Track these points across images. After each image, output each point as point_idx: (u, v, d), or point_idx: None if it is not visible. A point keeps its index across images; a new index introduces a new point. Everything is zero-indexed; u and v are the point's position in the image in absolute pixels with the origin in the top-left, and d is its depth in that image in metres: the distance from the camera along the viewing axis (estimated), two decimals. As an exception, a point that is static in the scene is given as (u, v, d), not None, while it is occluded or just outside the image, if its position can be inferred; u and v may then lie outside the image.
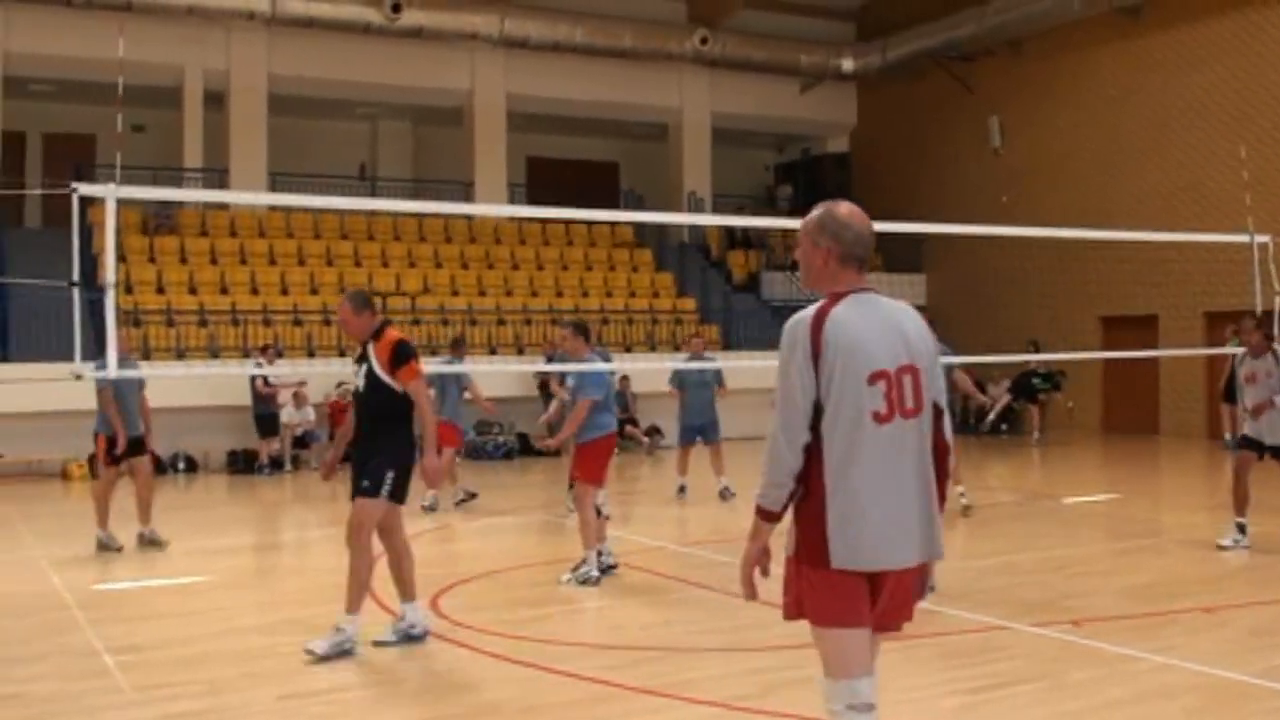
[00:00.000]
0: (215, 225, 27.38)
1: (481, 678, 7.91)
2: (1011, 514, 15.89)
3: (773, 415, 4.46)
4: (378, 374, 8.47)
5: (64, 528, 16.04)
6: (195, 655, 8.48)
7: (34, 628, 9.43)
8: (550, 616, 9.58)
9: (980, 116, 30.04)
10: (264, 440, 22.25)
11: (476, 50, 29.54)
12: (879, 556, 4.45)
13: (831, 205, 4.60)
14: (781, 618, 4.71)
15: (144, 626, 9.48)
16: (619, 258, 30.10)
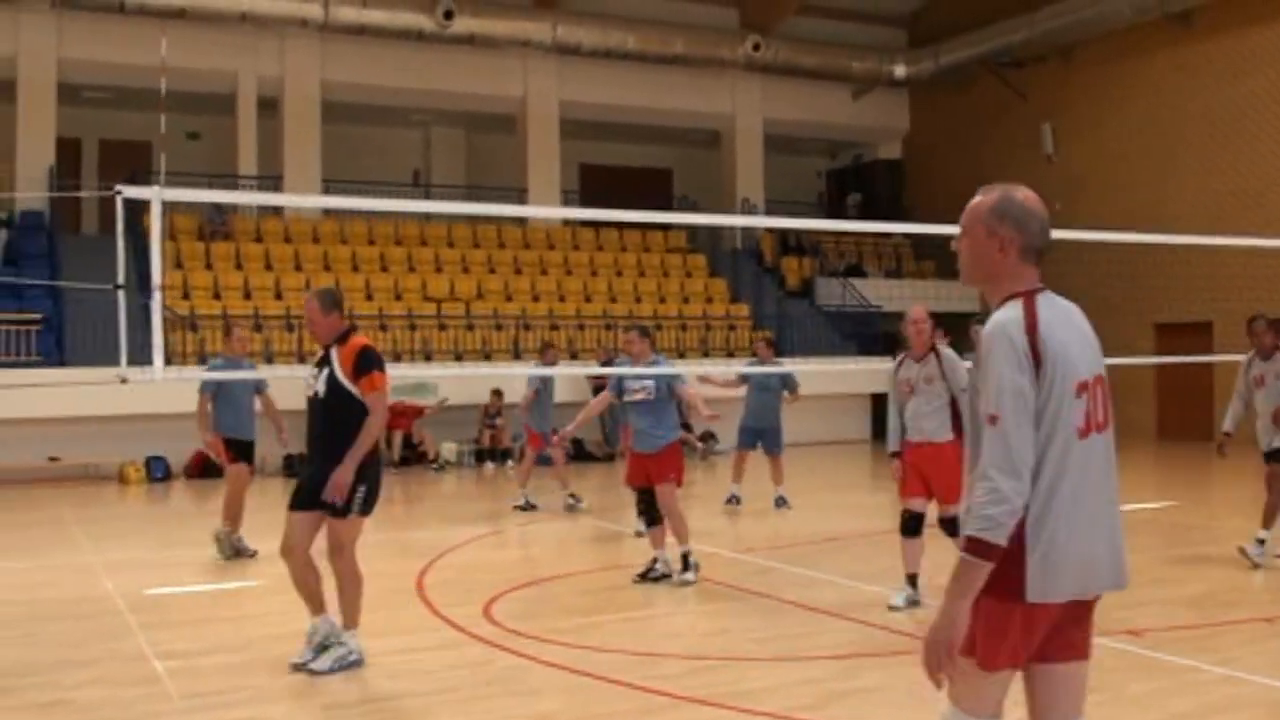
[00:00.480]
0: (270, 231, 27.36)
1: (535, 686, 7.69)
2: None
3: (989, 432, 3.72)
4: (340, 380, 7.93)
5: (118, 531, 16.00)
6: (244, 662, 8.32)
7: (85, 632, 9.29)
8: (605, 624, 9.33)
9: (1033, 123, 29.70)
10: None
11: (529, 57, 29.44)
12: (1078, 585, 3.85)
13: (1008, 189, 4.02)
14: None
15: (194, 632, 9.32)
16: (672, 263, 29.87)
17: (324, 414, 8.03)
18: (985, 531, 3.63)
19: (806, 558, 12.21)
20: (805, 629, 9.04)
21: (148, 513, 18.93)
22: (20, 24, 25.74)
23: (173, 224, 26.39)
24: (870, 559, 11.93)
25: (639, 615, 9.88)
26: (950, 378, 9.41)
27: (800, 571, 11.43)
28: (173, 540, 14.61)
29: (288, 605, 10.23)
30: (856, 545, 13.04)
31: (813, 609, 9.68)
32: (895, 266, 32.17)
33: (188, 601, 10.82)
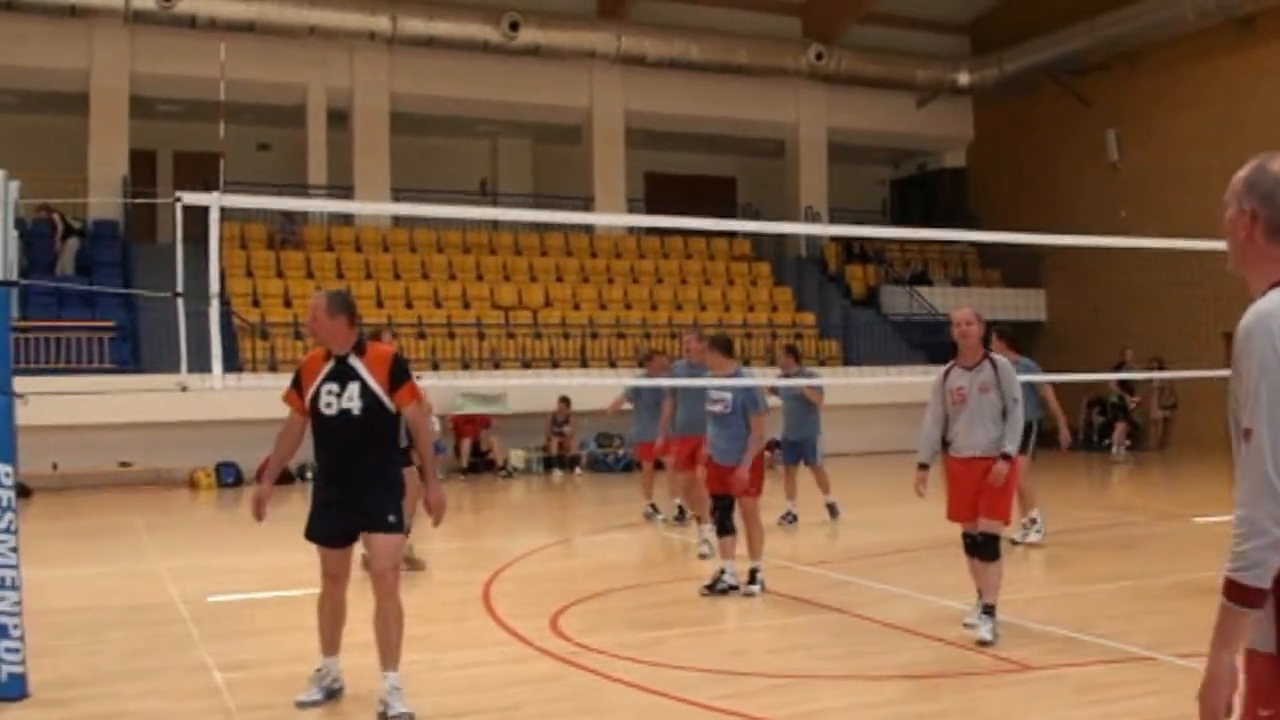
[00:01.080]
0: (340, 240, 27.25)
1: (604, 704, 7.34)
2: (1138, 535, 14.93)
3: (1245, 450, 3.02)
4: (378, 394, 7.01)
5: (186, 538, 15.82)
6: (305, 673, 7.99)
7: (147, 641, 9.04)
8: (672, 639, 8.95)
9: (1097, 130, 29.06)
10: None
11: (594, 68, 29.20)
12: None
13: (1267, 157, 3.39)
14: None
15: (256, 642, 9.06)
16: (737, 272, 29.50)
17: (360, 432, 7.07)
18: (1240, 572, 2.98)
19: (878, 571, 11.75)
20: (879, 646, 8.62)
21: (216, 518, 18.78)
22: (93, 39, 25.77)
23: (244, 233, 26.43)
24: (943, 572, 11.46)
25: (708, 630, 9.50)
26: (1005, 387, 8.71)
27: (872, 585, 11.00)
28: (239, 546, 14.36)
29: (351, 614, 9.94)
30: (928, 558, 12.56)
31: (886, 624, 9.26)
32: (961, 275, 31.61)
33: (251, 610, 10.56)
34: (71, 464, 21.34)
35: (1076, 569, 12.03)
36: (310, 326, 7.33)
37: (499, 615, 9.59)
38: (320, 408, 7.11)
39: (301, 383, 7.25)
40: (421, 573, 11.58)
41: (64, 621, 9.80)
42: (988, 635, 8.51)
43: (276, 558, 13.28)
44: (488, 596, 10.50)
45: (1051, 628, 9.01)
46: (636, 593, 10.84)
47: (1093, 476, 22.79)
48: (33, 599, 10.67)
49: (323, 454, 7.29)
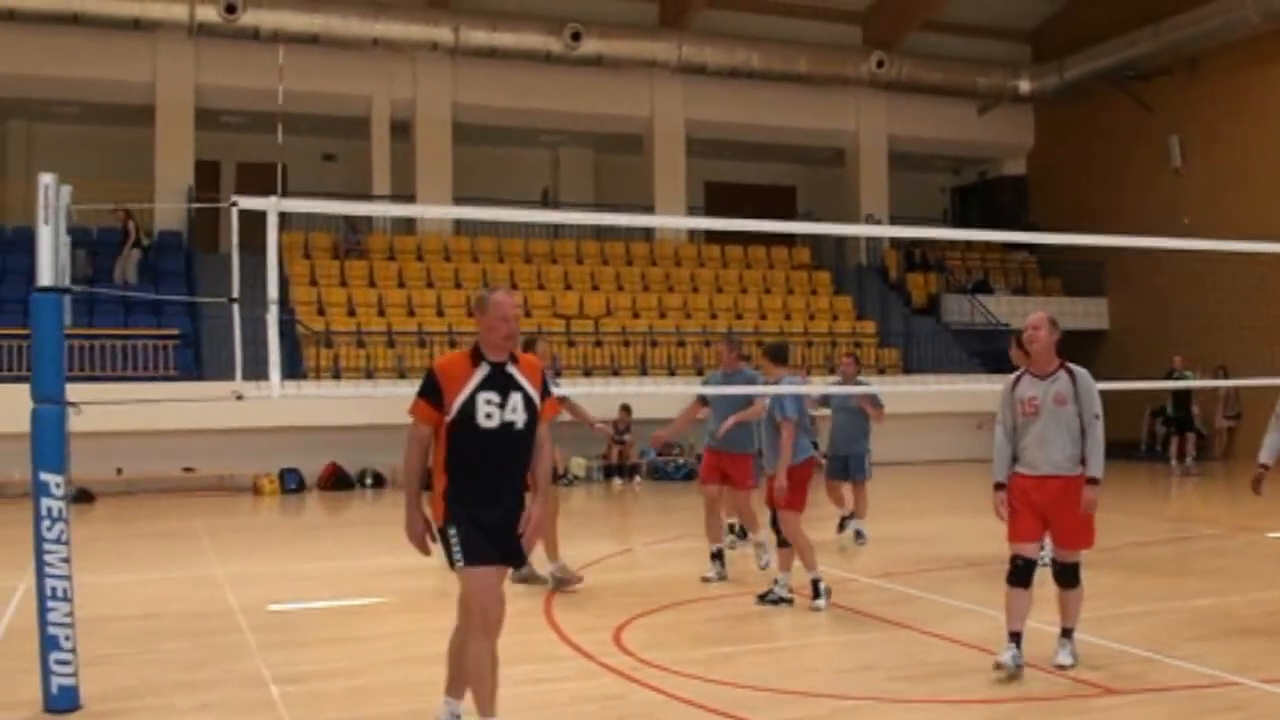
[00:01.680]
0: (403, 249, 27.08)
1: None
2: (1208, 549, 14.35)
3: None
4: (537, 405, 6.21)
5: (247, 544, 15.54)
6: (363, 687, 7.70)
7: (204, 651, 8.75)
8: (739, 656, 8.54)
9: (1159, 136, 28.35)
10: None
11: (655, 77, 28.89)
12: None
13: None
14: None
15: (314, 653, 8.73)
16: (797, 280, 29.06)
17: (523, 446, 6.22)
18: None
19: (945, 585, 11.27)
20: (952, 667, 8.15)
21: (278, 524, 18.53)
22: (159, 51, 25.78)
23: (308, 242, 26.32)
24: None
25: (774, 646, 9.08)
26: (1084, 400, 7.88)
27: (940, 600, 10.52)
28: (300, 554, 14.12)
29: (411, 626, 9.65)
30: (997, 573, 11.98)
31: (958, 642, 8.79)
32: (1022, 283, 31.00)
33: (310, 619, 10.26)
34: (136, 469, 21.31)
35: (1148, 585, 11.51)
36: (505, 328, 6.19)
37: (562, 629, 9.22)
38: (478, 419, 6.11)
39: (441, 392, 6.19)
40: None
41: (121, 630, 9.54)
42: (1067, 660, 7.98)
43: (337, 565, 13.05)
44: (550, 609, 10.14)
45: (1128, 647, 8.54)
46: (701, 606, 10.42)
47: (1156, 488, 22.15)
48: (90, 606, 10.44)
49: (477, 470, 6.19)
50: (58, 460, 7.56)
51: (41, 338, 7.52)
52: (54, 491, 7.45)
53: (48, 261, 7.44)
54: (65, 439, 7.65)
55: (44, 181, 7.41)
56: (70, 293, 7.68)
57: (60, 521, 7.38)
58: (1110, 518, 12.79)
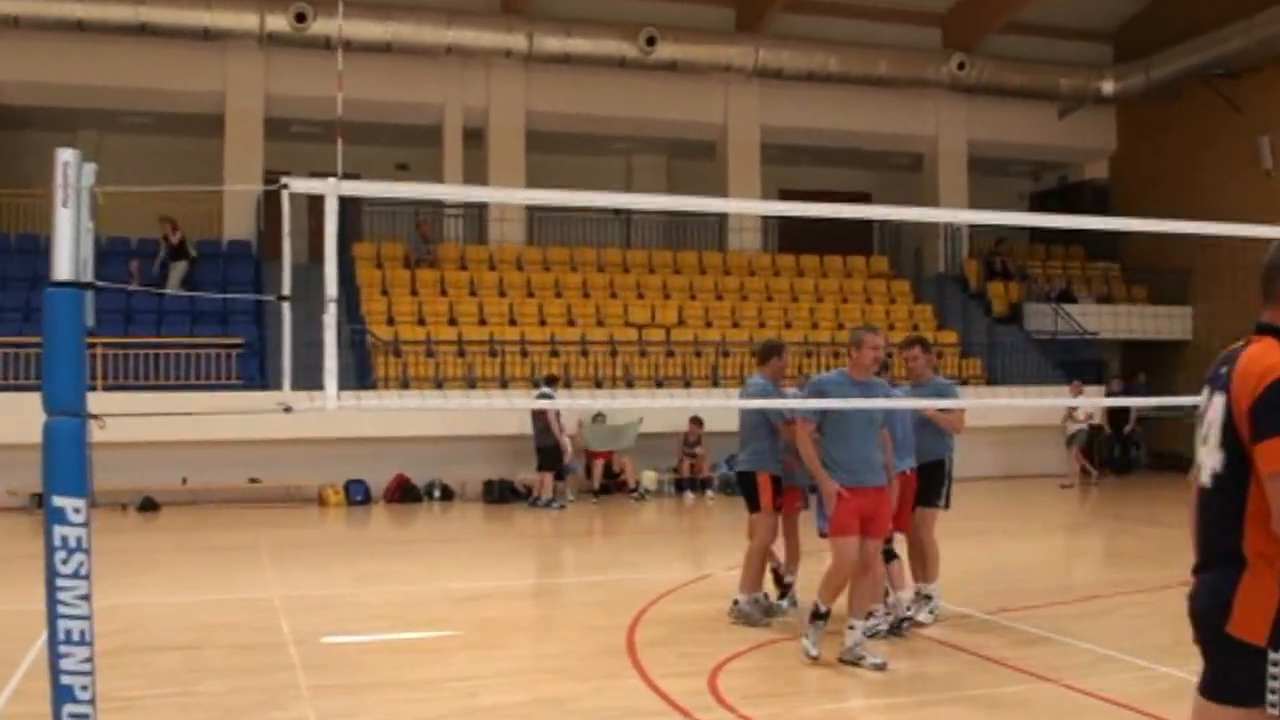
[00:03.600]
0: (474, 259, 25.96)
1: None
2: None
3: None
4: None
5: (309, 560, 14.32)
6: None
7: (248, 695, 7.51)
8: (859, 713, 7.19)
9: (1249, 136, 26.39)
10: (543, 473, 20.38)
11: (730, 82, 27.55)
12: None
13: None
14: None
15: (371, 700, 7.45)
16: (875, 289, 27.59)
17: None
18: None
19: (1070, 623, 9.74)
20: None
21: (342, 539, 17.38)
22: (228, 61, 24.83)
23: (379, 252, 25.32)
24: (1151, 627, 9.60)
25: (899, 700, 7.55)
26: None
27: (1071, 643, 8.97)
28: (362, 574, 12.86)
29: (480, 668, 8.33)
30: (1124, 607, 10.63)
31: (1113, 702, 7.30)
32: (1106, 292, 29.30)
33: (368, 656, 8.97)
34: (201, 479, 20.32)
35: None
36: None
37: (649, 673, 7.89)
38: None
39: None
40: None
41: (159, 665, 8.36)
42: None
43: (400, 590, 11.79)
44: (633, 646, 8.79)
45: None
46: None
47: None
48: (132, 633, 9.25)
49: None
50: (76, 481, 6.23)
51: (56, 340, 6.20)
52: (71, 518, 6.14)
53: (66, 252, 6.13)
54: (87, 456, 6.34)
55: (62, 159, 6.14)
56: (93, 288, 6.42)
57: (79, 553, 6.08)
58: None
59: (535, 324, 23.92)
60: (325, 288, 6.56)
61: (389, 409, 8.54)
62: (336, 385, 6.46)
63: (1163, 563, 13.43)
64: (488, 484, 21.16)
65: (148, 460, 19.58)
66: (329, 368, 6.51)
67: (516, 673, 8.19)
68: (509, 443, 21.03)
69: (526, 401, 19.35)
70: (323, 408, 6.47)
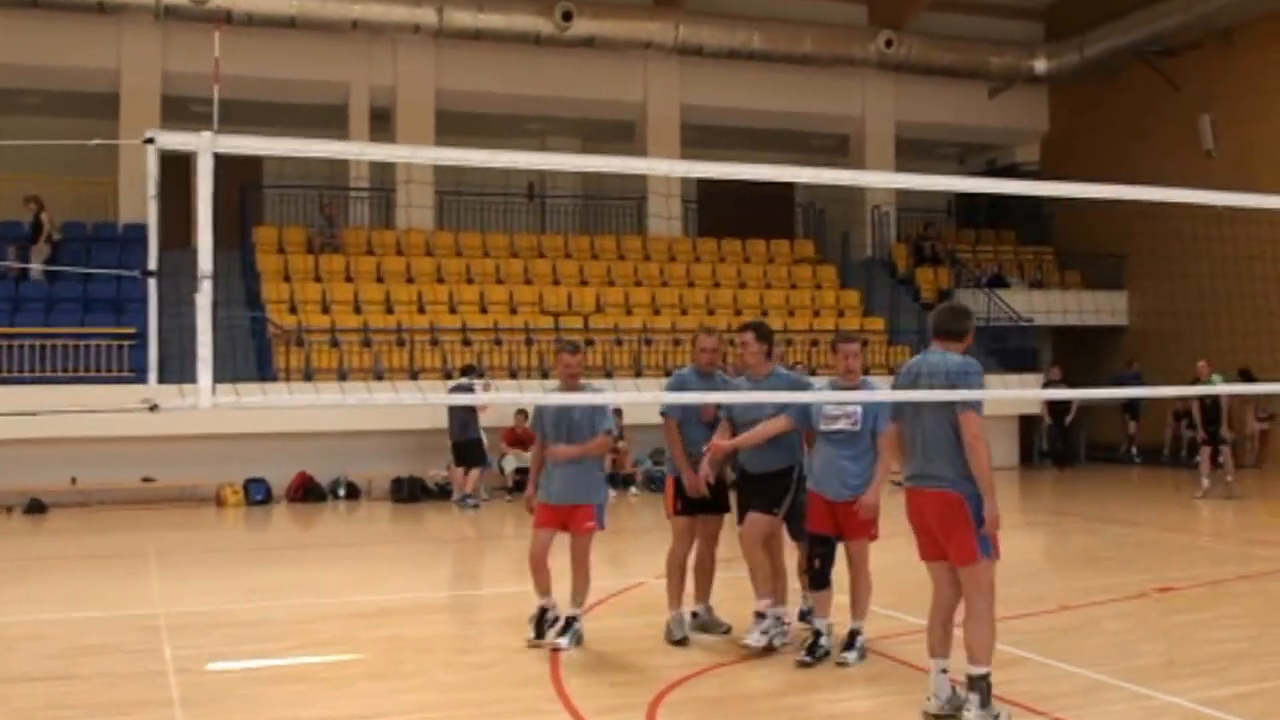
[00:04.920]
0: (381, 244, 24.91)
1: None
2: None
3: None
4: None
5: (199, 572, 13.19)
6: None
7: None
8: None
9: (1189, 116, 25.93)
10: (465, 469, 19.33)
11: (649, 59, 26.74)
12: None
13: None
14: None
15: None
16: (800, 275, 26.84)
17: None
18: None
19: (1048, 639, 8.92)
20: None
21: (239, 543, 16.29)
22: (123, 37, 23.73)
23: (281, 236, 24.23)
24: (1137, 644, 8.82)
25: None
26: None
27: (1055, 665, 8.12)
28: (257, 585, 11.81)
29: (386, 702, 7.28)
30: (1102, 618, 9.80)
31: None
32: (1038, 277, 28.75)
33: (256, 686, 7.91)
34: (92, 478, 19.17)
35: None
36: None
37: (578, 709, 6.97)
38: None
39: None
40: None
41: (19, 699, 7.43)
42: None
43: (300, 604, 10.75)
44: (558, 673, 7.86)
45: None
46: (750, 669, 8.14)
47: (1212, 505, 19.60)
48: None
49: None
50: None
51: None
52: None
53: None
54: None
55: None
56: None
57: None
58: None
59: (446, 312, 23.00)
60: (199, 262, 5.54)
61: (276, 406, 7.46)
62: (211, 379, 5.44)
63: (1130, 566, 12.79)
64: (396, 481, 20.13)
65: (35, 459, 18.60)
66: (203, 357, 5.48)
67: (423, 709, 7.22)
68: (418, 437, 20.10)
69: (431, 396, 18.18)
70: (195, 405, 5.45)
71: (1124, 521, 17.07)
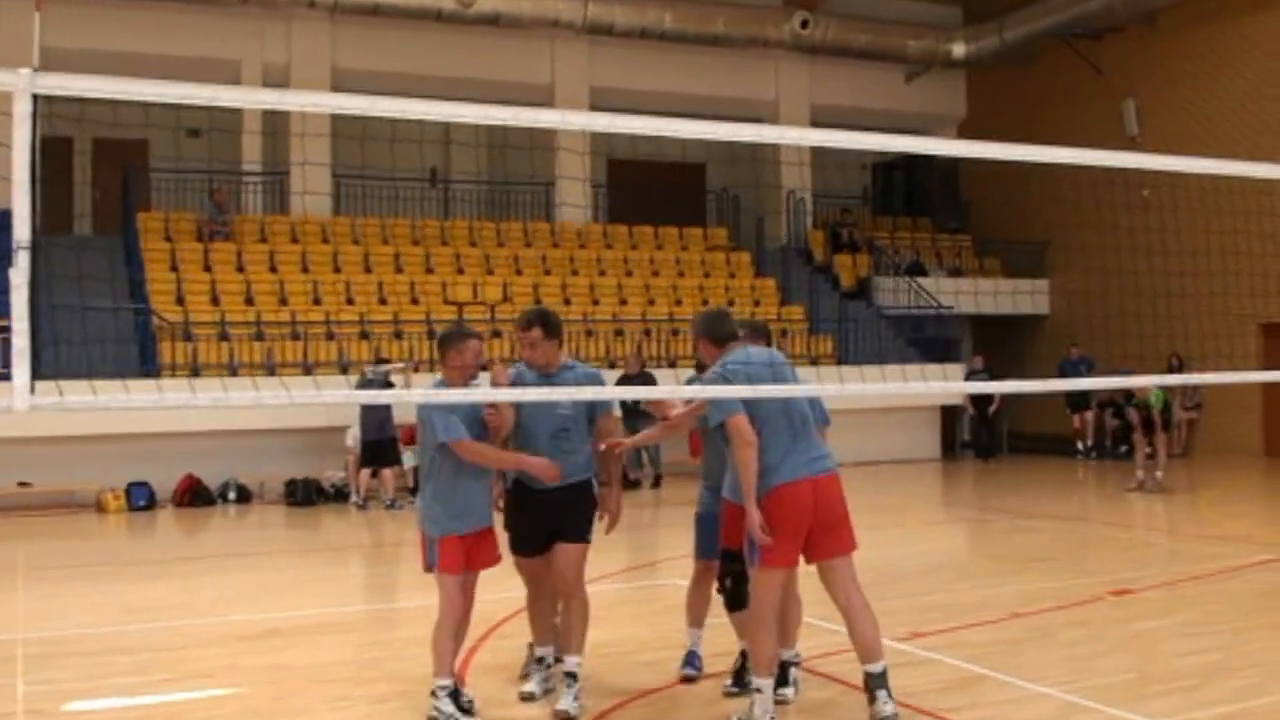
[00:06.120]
0: (275, 230, 23.80)
1: None
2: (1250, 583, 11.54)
3: None
4: None
5: (70, 589, 12.00)
6: None
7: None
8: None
9: (1112, 100, 25.51)
10: (374, 471, 18.20)
11: (557, 39, 25.85)
12: None
13: None
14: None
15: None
16: (714, 262, 26.06)
17: None
18: None
19: (1006, 653, 8.17)
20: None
21: (117, 555, 15.13)
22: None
23: (168, 223, 23.04)
24: (1102, 656, 8.06)
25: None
26: None
27: (1025, 686, 7.25)
28: (134, 604, 10.75)
29: None
30: (1059, 627, 9.02)
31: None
32: (957, 265, 28.20)
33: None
34: (-38, 482, 17.95)
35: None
36: None
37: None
38: None
39: None
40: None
41: None
42: None
43: (179, 628, 9.69)
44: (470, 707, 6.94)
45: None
46: (684, 697, 7.28)
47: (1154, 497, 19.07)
48: None
49: None
50: None
51: None
52: None
53: None
54: None
55: None
56: None
57: None
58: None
59: (342, 303, 21.97)
60: (14, 229, 4.57)
61: (111, 407, 6.25)
62: (29, 375, 4.45)
63: (1077, 566, 12.16)
64: (290, 484, 19.01)
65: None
66: (18, 348, 4.47)
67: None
68: (314, 436, 19.10)
69: (328, 393, 17.10)
70: (9, 407, 4.45)
71: (1059, 516, 16.52)
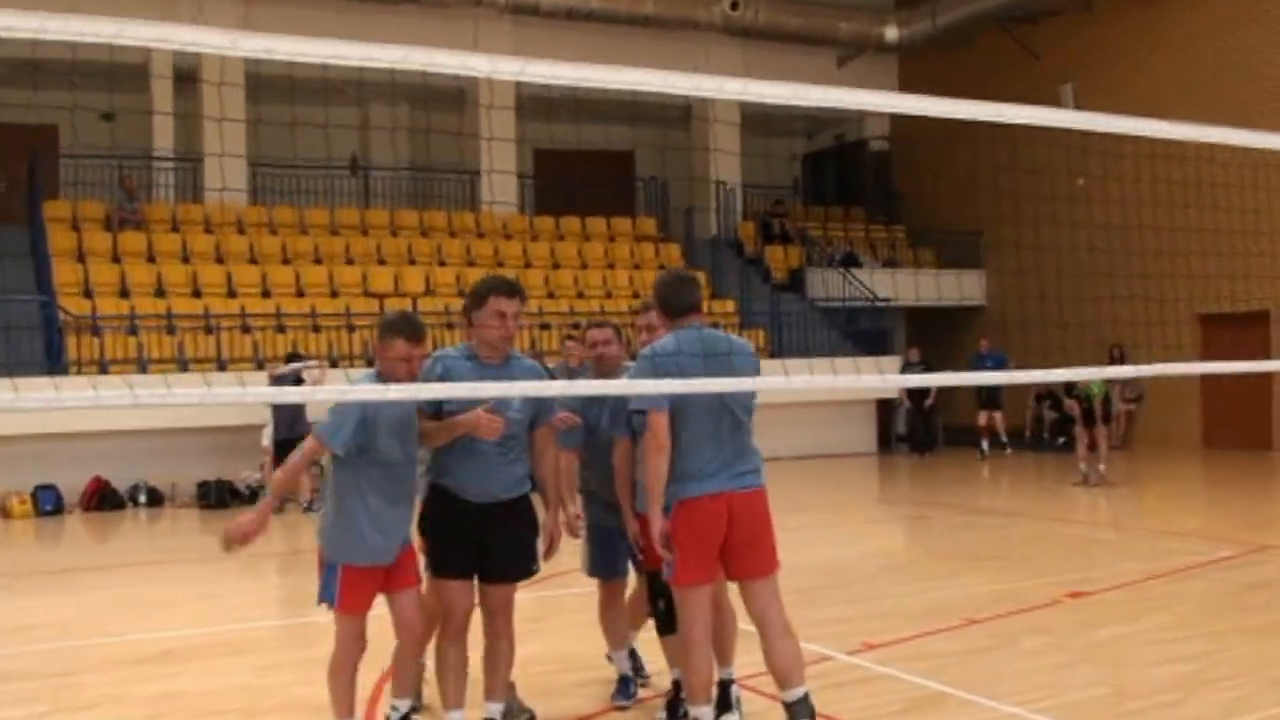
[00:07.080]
0: (188, 219, 23.01)
1: None
2: (1219, 581, 11.08)
3: None
4: None
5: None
6: None
7: None
8: None
9: (1049, 85, 25.09)
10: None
11: (480, 19, 25.19)
12: None
13: None
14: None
15: None
16: (643, 254, 25.55)
17: None
18: None
19: (965, 665, 7.65)
20: None
21: (19, 563, 14.29)
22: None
23: (76, 211, 22.18)
24: (1070, 667, 7.56)
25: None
26: None
27: (991, 706, 6.71)
28: (22, 621, 9.99)
29: None
30: (1019, 634, 8.51)
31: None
32: (891, 256, 27.81)
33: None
34: None
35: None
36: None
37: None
38: None
39: None
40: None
41: None
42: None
43: (69, 649, 8.96)
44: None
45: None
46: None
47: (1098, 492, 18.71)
48: None
49: None
50: None
51: None
52: None
53: None
54: None
55: None
56: None
57: None
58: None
59: (258, 295, 21.19)
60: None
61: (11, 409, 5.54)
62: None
63: (1028, 566, 11.69)
64: (203, 485, 18.24)
65: None
66: None
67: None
68: (228, 435, 18.28)
69: (251, 390, 16.34)
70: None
71: (1001, 512, 16.17)
